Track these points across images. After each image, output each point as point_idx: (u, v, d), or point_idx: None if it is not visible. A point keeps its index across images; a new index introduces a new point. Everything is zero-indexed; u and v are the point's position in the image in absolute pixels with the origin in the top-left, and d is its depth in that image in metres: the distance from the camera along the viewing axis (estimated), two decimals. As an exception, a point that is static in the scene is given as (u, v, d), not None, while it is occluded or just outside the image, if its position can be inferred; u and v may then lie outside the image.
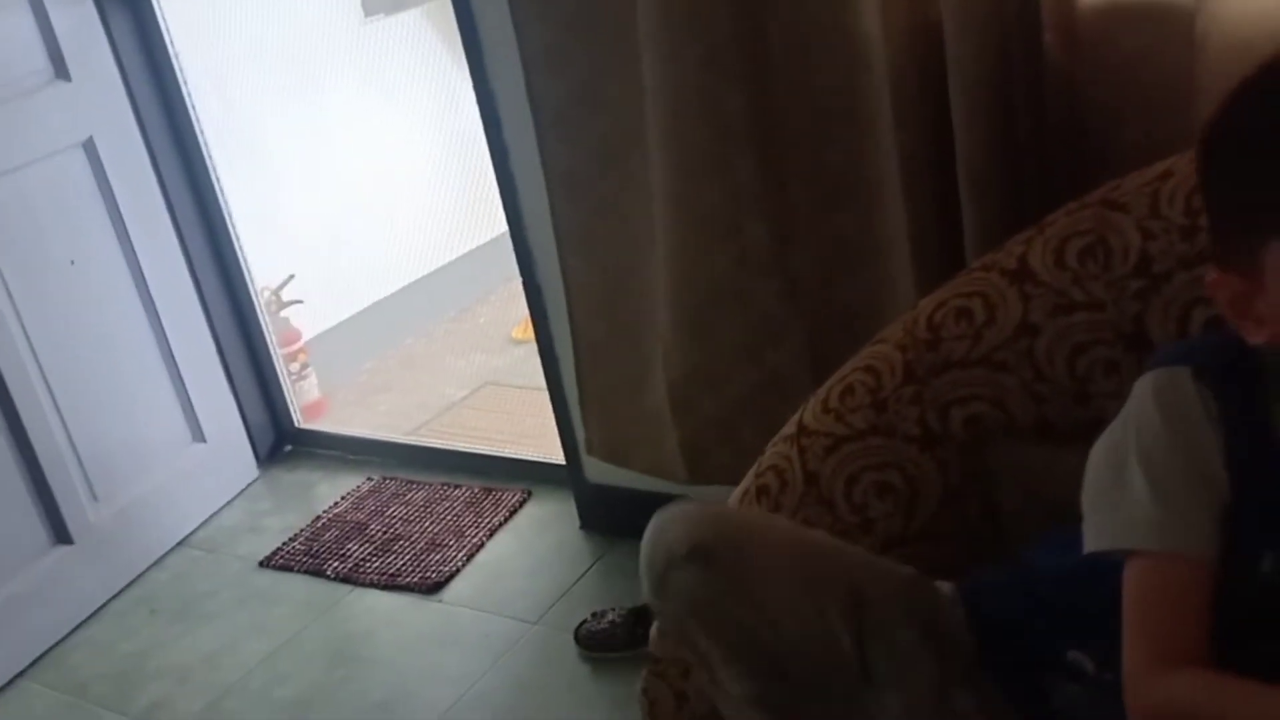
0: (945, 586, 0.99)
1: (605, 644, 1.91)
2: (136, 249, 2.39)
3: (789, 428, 1.20)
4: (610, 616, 1.94)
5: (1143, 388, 0.85)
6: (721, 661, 0.95)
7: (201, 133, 2.54)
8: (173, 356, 2.47)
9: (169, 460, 2.48)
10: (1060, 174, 1.25)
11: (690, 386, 1.73)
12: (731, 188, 1.53)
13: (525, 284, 2.06)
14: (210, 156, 2.56)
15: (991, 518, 1.13)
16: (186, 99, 2.51)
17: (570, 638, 1.95)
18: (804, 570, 0.92)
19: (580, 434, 2.12)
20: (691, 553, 0.91)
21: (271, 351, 2.72)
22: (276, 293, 2.87)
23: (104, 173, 2.33)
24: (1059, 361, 1.08)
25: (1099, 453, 0.87)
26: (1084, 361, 1.07)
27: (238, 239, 2.62)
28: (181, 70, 2.49)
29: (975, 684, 0.92)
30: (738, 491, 1.23)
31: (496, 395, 2.92)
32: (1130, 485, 0.82)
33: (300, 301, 2.91)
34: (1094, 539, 0.85)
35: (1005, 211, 1.25)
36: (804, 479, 1.15)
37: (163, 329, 2.45)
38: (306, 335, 2.93)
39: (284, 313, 2.87)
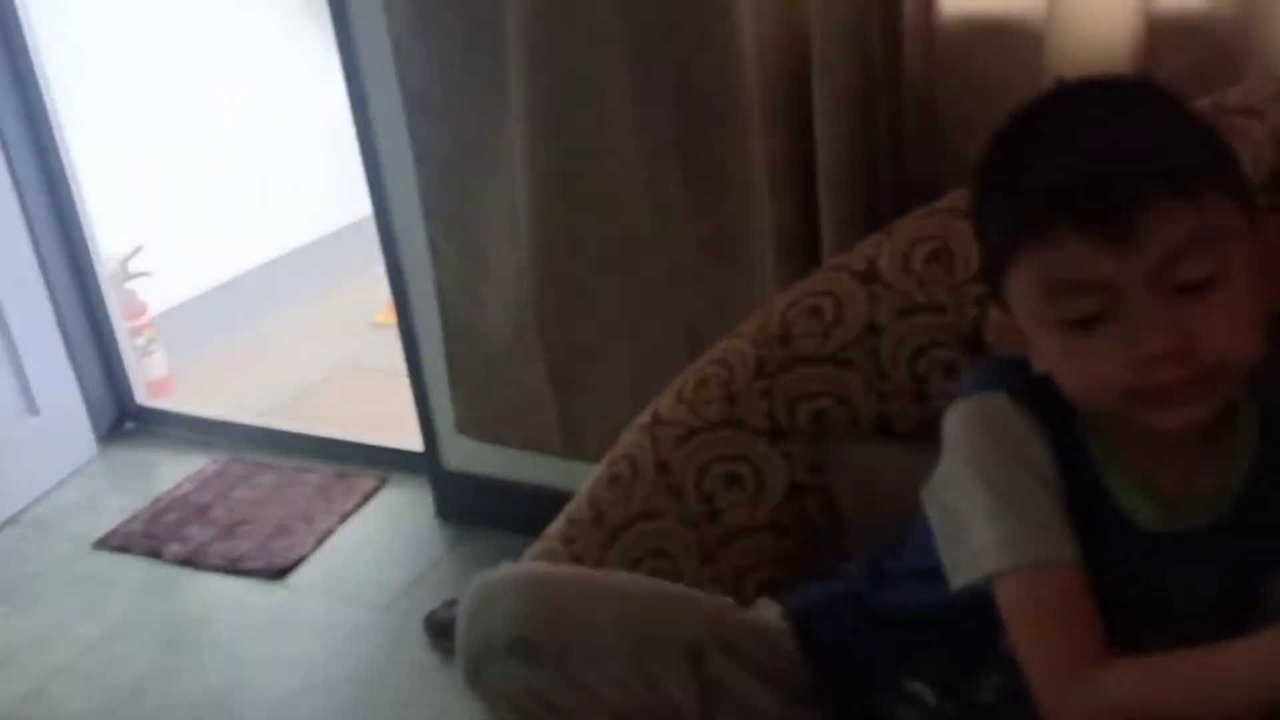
0: (773, 612, 0.99)
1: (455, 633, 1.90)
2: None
3: (644, 416, 1.22)
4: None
5: (960, 417, 0.86)
6: None
7: (45, 78, 2.40)
8: (4, 321, 2.35)
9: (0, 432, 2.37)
10: (916, 182, 1.30)
11: (570, 361, 1.74)
12: (615, 170, 1.54)
13: (388, 265, 2.03)
14: (54, 104, 2.43)
15: (832, 511, 1.16)
16: (28, 37, 2.37)
17: (420, 626, 1.93)
18: (634, 641, 0.89)
19: (441, 419, 2.10)
20: (511, 645, 0.87)
21: (114, 324, 2.62)
22: (123, 264, 2.76)
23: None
24: (901, 361, 1.12)
25: (937, 492, 0.87)
26: (924, 362, 1.11)
27: (81, 200, 2.51)
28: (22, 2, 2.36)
29: (815, 709, 0.92)
30: (588, 481, 1.23)
31: (355, 380, 2.86)
32: (978, 511, 0.82)
33: (148, 274, 2.80)
34: (959, 573, 0.84)
35: (862, 215, 1.29)
36: (655, 468, 1.17)
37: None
38: (155, 309, 2.82)
39: (130, 284, 2.77)
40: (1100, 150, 0.75)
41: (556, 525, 1.22)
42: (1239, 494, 0.82)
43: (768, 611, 1.00)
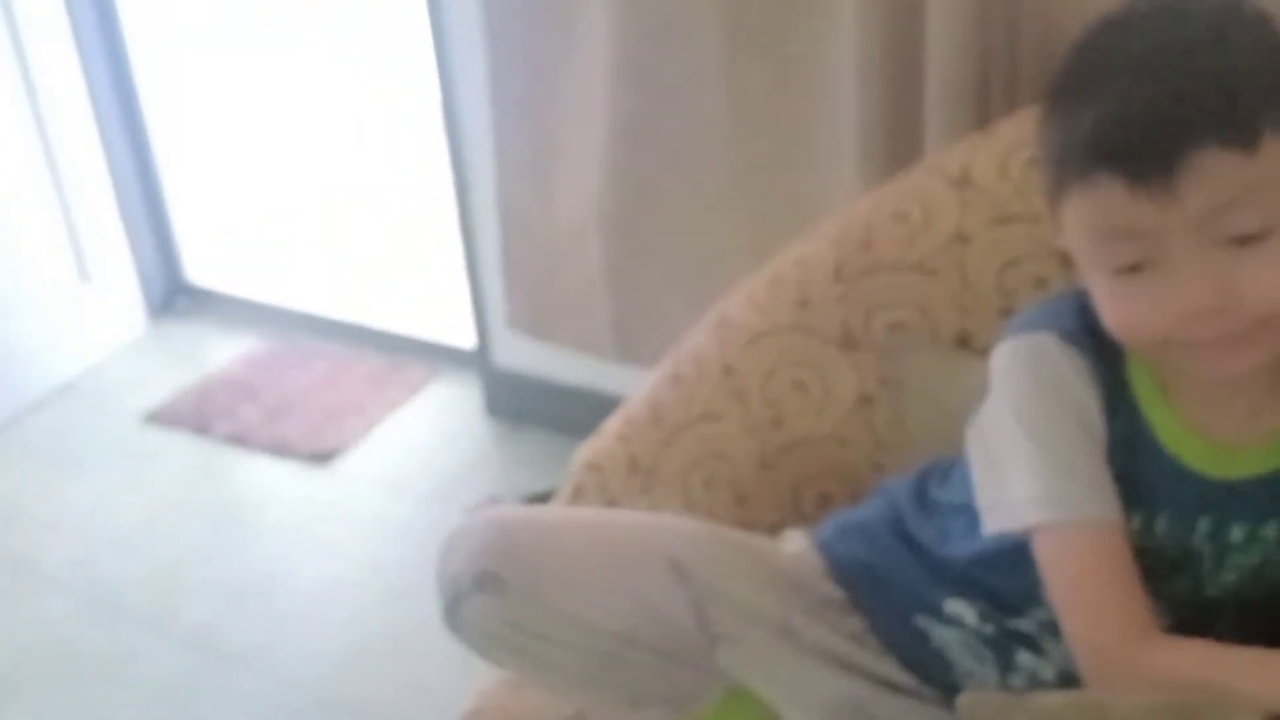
0: (797, 542, 0.97)
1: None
2: (29, 58, 2.23)
3: (710, 317, 1.17)
4: (506, 502, 1.92)
5: (1008, 358, 0.83)
6: (538, 684, 0.93)
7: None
8: (60, 185, 2.32)
9: (51, 298, 2.36)
10: (1031, 84, 1.23)
11: (629, 261, 1.69)
12: (692, 60, 1.48)
13: (451, 152, 1.98)
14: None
15: (900, 426, 1.12)
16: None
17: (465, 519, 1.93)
18: (610, 564, 0.88)
19: (493, 316, 2.07)
20: (478, 581, 0.86)
21: (170, 196, 2.59)
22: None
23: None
24: (989, 273, 1.06)
25: (981, 433, 0.85)
26: (1014, 275, 1.05)
27: (134, 63, 2.47)
28: None
29: (829, 618, 0.90)
30: (650, 380, 1.20)
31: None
32: (1020, 461, 0.80)
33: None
34: (996, 521, 0.82)
35: (970, 116, 1.22)
36: (721, 370, 1.13)
37: (53, 156, 2.30)
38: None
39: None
40: (1150, 95, 0.70)
41: (613, 423, 1.19)
42: None
43: (791, 543, 0.98)
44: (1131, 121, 0.70)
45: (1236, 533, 0.80)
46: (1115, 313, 0.76)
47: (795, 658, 0.88)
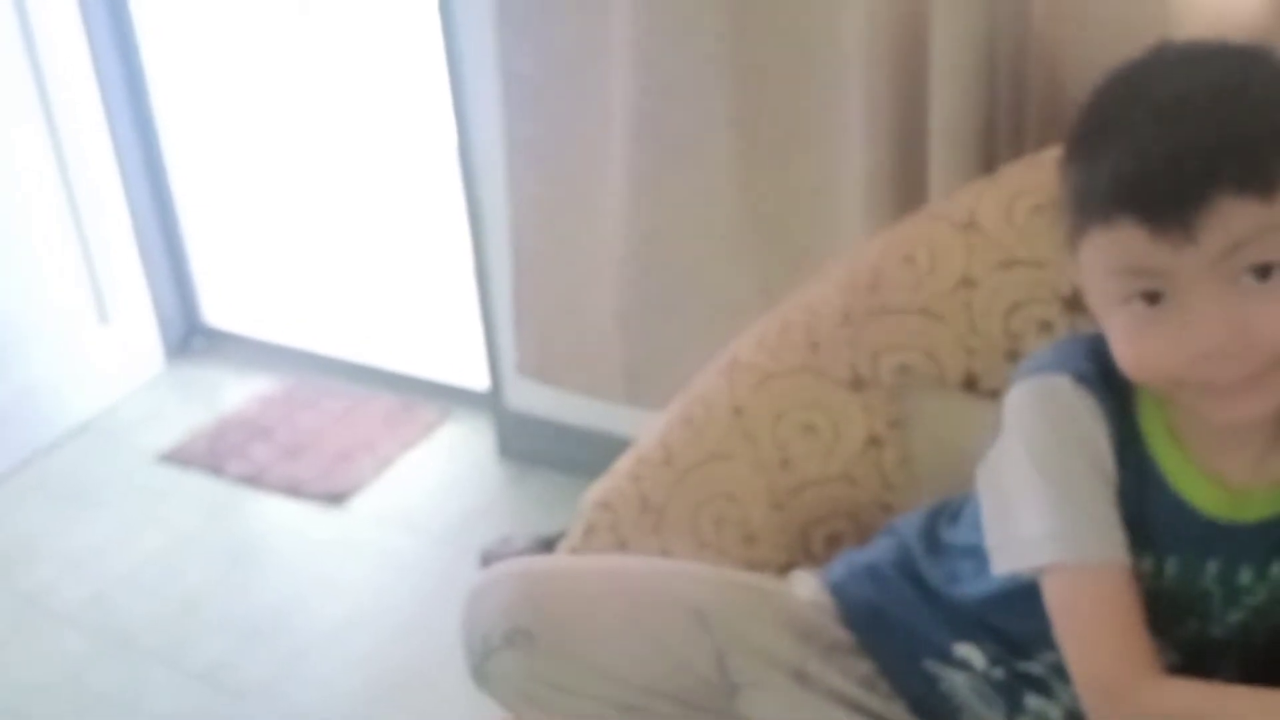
0: (808, 584, 0.98)
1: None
2: (51, 99, 2.27)
3: (721, 360, 1.19)
4: (518, 542, 1.93)
5: (1022, 398, 0.83)
6: None
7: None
8: (81, 229, 2.36)
9: (70, 339, 2.39)
10: (1035, 133, 1.25)
11: (643, 309, 1.72)
12: (703, 113, 1.51)
13: (466, 195, 2.01)
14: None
15: (908, 467, 1.13)
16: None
17: (475, 559, 1.93)
18: (635, 614, 0.89)
19: (506, 358, 2.09)
20: (508, 638, 0.87)
21: (188, 239, 2.63)
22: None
23: (26, 14, 2.20)
24: (995, 317, 1.08)
25: (992, 472, 0.86)
26: (1019, 319, 1.07)
27: (154, 105, 2.52)
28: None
29: (839, 662, 0.91)
30: (661, 420, 1.21)
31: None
32: (1031, 500, 0.81)
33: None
34: (1005, 560, 0.82)
35: (974, 164, 1.24)
36: (730, 411, 1.15)
37: (74, 198, 2.34)
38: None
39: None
40: (1172, 143, 0.71)
41: (625, 463, 1.20)
42: None
43: (802, 585, 0.98)
44: (1152, 168, 0.71)
45: (1245, 574, 0.80)
46: (1130, 351, 0.77)
47: (811, 702, 0.88)
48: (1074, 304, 1.05)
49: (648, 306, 1.74)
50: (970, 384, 1.09)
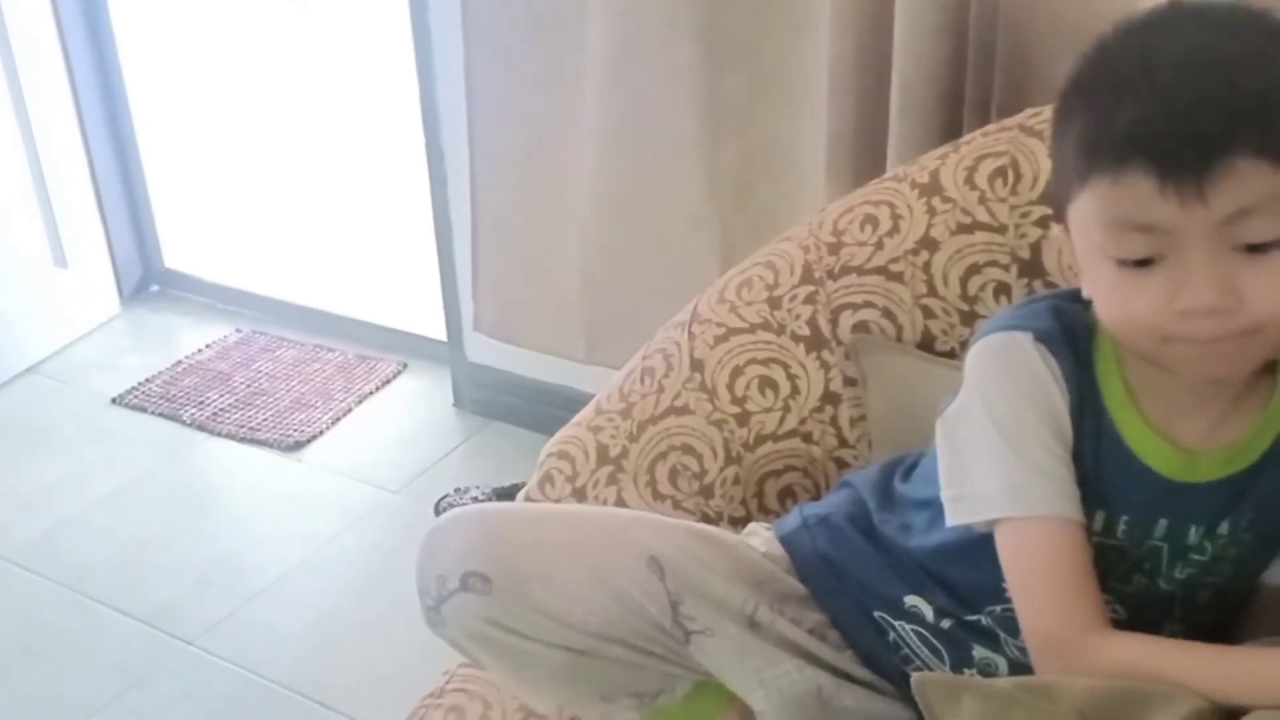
0: (762, 536, 0.98)
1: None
2: (11, 42, 2.23)
3: (683, 314, 1.20)
4: (474, 493, 1.94)
5: (984, 354, 0.84)
6: (512, 680, 0.94)
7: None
8: (40, 173, 2.33)
9: (27, 281, 2.36)
10: (1000, 101, 1.26)
11: (605, 267, 1.72)
12: (670, 70, 1.51)
13: (428, 146, 2.00)
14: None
15: (863, 424, 1.15)
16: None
17: (430, 510, 1.94)
18: (592, 560, 0.89)
19: (466, 310, 2.09)
20: (465, 580, 0.86)
21: (148, 184, 2.59)
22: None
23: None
24: (953, 279, 1.09)
25: (950, 426, 0.86)
26: (977, 281, 1.08)
27: (116, 49, 2.47)
28: None
29: (791, 612, 0.92)
30: (621, 373, 1.22)
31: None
32: (988, 455, 0.81)
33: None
34: (959, 513, 0.83)
35: (937, 130, 1.25)
36: (690, 364, 1.15)
37: (33, 141, 2.30)
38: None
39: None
40: (1195, 97, 0.71)
41: (585, 413, 1.21)
42: (1267, 449, 0.81)
43: (757, 537, 0.99)
44: (1174, 120, 0.71)
45: (1193, 533, 0.82)
46: (1116, 304, 0.76)
47: (762, 650, 0.89)
48: (1031, 269, 1.07)
49: (611, 266, 1.75)
50: (927, 344, 1.11)
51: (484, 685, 1.09)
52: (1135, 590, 0.84)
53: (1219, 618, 0.84)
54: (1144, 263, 0.74)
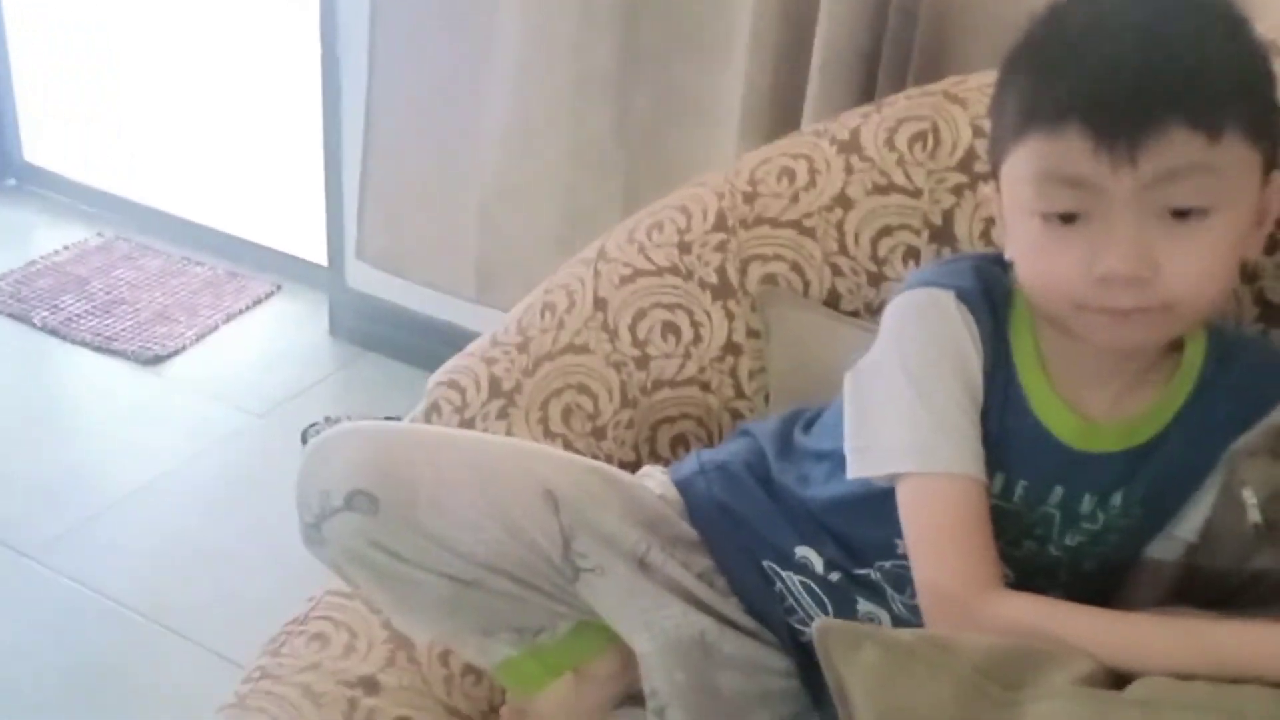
0: (657, 479, 0.97)
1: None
2: None
3: (589, 251, 1.17)
4: (344, 424, 1.88)
5: (903, 309, 0.85)
6: (390, 608, 0.90)
7: None
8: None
9: None
10: (918, 65, 1.26)
11: (502, 204, 1.67)
12: (585, 7, 1.47)
13: (324, 57, 1.91)
14: None
15: (762, 376, 1.14)
16: None
17: (297, 438, 1.87)
18: (485, 488, 0.85)
19: (350, 236, 2.01)
20: (349, 499, 0.83)
21: (9, 73, 2.42)
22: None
23: None
24: (864, 239, 1.09)
25: (860, 378, 0.86)
26: (887, 244, 1.09)
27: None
28: None
29: (680, 556, 0.90)
30: (520, 306, 1.19)
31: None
32: (896, 408, 0.82)
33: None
34: (863, 465, 0.83)
35: (854, 90, 1.25)
36: (593, 303, 1.13)
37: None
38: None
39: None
40: (1138, 66, 0.73)
41: (479, 344, 1.17)
42: (1167, 425, 0.83)
43: (652, 480, 0.98)
44: (1116, 85, 0.72)
45: (1087, 502, 0.84)
46: (1037, 265, 0.77)
47: (649, 590, 0.88)
48: (942, 235, 1.07)
49: (508, 203, 1.70)
50: (833, 302, 1.11)
51: (351, 614, 1.05)
52: (1024, 554, 0.85)
53: (1102, 586, 0.86)
54: (1068, 220, 0.75)
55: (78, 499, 1.75)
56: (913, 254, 1.08)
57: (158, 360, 2.05)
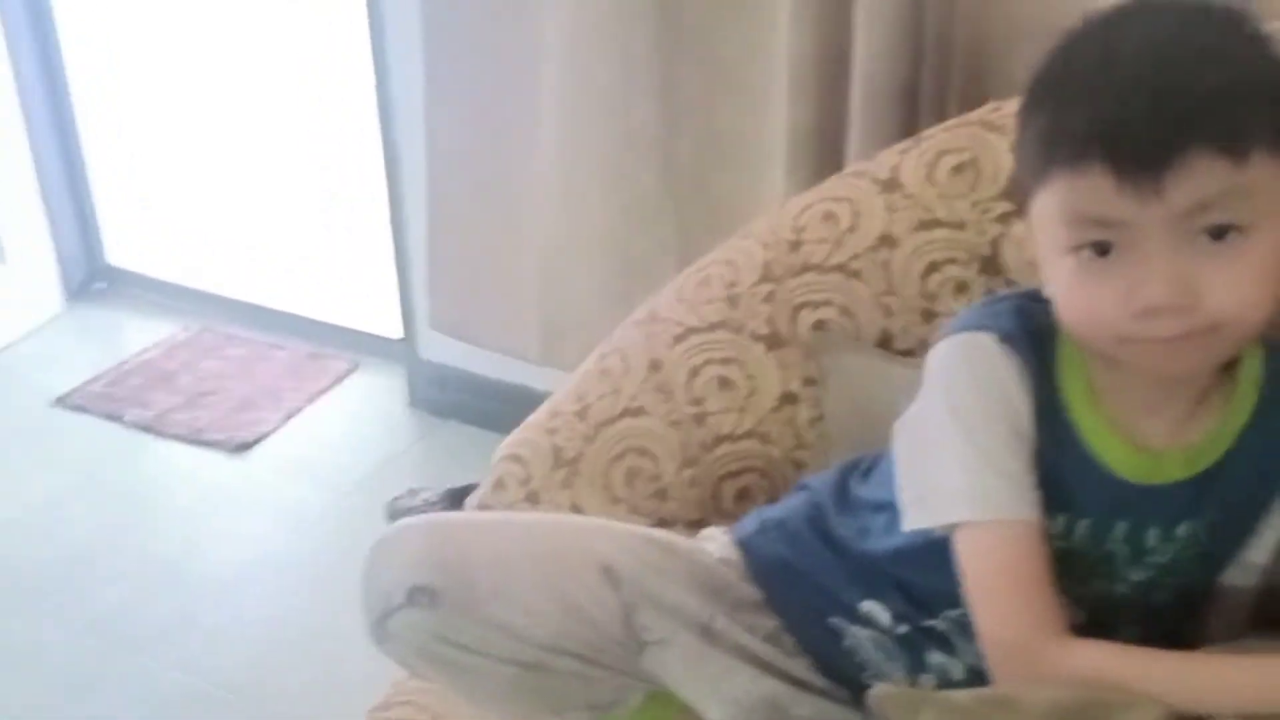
0: (718, 540, 0.96)
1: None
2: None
3: (640, 313, 1.17)
4: (426, 495, 1.90)
5: (946, 355, 0.83)
6: (462, 696, 0.91)
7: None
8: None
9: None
10: (959, 95, 1.25)
11: (560, 264, 1.69)
12: (625, 63, 1.49)
13: (384, 142, 1.96)
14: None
15: (821, 425, 1.13)
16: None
17: (382, 512, 1.90)
18: (542, 569, 0.86)
19: (421, 307, 2.05)
20: (411, 595, 0.84)
21: (92, 179, 2.53)
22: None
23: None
24: (912, 276, 1.07)
25: (910, 427, 0.85)
26: (936, 279, 1.07)
27: (60, 40, 2.41)
28: None
29: (746, 619, 0.90)
30: (576, 373, 1.20)
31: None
32: (949, 456, 0.80)
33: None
34: (919, 516, 0.82)
35: (896, 124, 1.24)
36: (648, 365, 1.13)
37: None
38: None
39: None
40: (1152, 95, 0.70)
41: (539, 415, 1.18)
42: (1229, 449, 0.80)
43: (712, 542, 0.97)
44: (1132, 117, 0.70)
45: (1152, 535, 0.81)
46: (1076, 302, 0.76)
47: (717, 659, 0.87)
48: (991, 266, 1.05)
49: (565, 263, 1.72)
50: (886, 342, 1.10)
51: (433, 697, 1.06)
52: (1093, 594, 0.83)
53: (1177, 619, 0.83)
54: (1104, 252, 0.73)
55: (178, 590, 1.80)
56: (963, 288, 1.06)
57: (246, 447, 2.10)
